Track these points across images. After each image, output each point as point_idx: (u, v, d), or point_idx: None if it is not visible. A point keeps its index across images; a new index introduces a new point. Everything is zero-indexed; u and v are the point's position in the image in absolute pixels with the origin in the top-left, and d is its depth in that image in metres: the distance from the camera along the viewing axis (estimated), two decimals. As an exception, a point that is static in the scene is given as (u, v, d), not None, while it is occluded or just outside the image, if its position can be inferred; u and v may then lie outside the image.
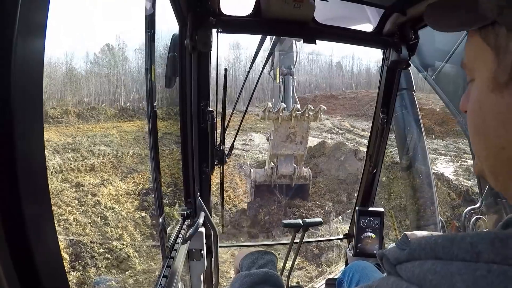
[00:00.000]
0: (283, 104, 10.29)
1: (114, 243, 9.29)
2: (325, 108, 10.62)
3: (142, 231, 10.29)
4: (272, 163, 11.12)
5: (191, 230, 1.89)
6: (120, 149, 17.21)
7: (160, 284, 1.48)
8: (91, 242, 9.27)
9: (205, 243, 2.18)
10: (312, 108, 10.26)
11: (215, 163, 2.05)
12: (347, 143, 19.08)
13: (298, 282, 6.85)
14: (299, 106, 10.47)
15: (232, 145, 2.26)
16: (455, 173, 15.63)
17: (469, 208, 3.03)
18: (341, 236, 2.93)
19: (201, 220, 1.97)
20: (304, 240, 2.34)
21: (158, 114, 1.60)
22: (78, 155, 16.12)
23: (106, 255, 8.78)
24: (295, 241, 2.31)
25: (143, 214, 10.88)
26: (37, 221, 0.55)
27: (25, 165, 0.51)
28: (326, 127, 26.51)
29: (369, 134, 2.46)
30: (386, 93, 2.28)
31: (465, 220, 2.90)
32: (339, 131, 26.03)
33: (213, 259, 2.29)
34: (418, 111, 5.15)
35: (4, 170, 0.48)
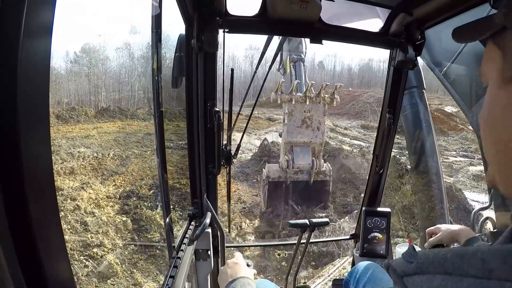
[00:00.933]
0: (297, 80, 9.71)
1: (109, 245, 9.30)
2: (342, 85, 9.99)
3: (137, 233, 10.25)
4: (286, 156, 9.95)
5: (197, 230, 1.90)
6: (101, 151, 16.92)
7: (167, 285, 1.48)
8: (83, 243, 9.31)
9: (212, 243, 2.18)
10: (328, 84, 9.63)
11: (222, 163, 2.05)
12: (330, 142, 18.94)
13: (305, 283, 6.82)
14: (313, 87, 9.74)
15: (239, 145, 2.26)
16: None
17: (478, 208, 3.01)
18: (348, 237, 2.92)
19: (207, 220, 1.97)
20: (310, 240, 2.34)
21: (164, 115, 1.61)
22: (57, 158, 15.67)
23: (108, 256, 8.80)
24: (301, 241, 2.31)
25: (123, 218, 10.75)
26: (43, 222, 0.55)
27: (31, 166, 0.51)
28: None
29: (352, 132, 2.46)
30: (392, 93, 2.27)
31: (474, 220, 2.89)
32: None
33: (220, 259, 2.30)
34: (429, 108, 5.11)
35: (10, 171, 0.48)
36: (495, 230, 2.92)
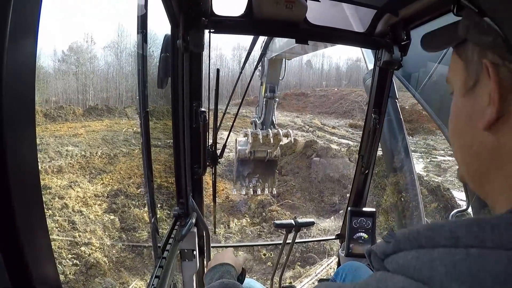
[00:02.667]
0: (261, 132, 10.57)
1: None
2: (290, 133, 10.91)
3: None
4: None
5: (183, 230, 1.90)
6: (88, 149, 16.81)
7: (152, 285, 1.48)
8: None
9: (197, 243, 2.18)
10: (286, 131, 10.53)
11: (207, 163, 2.05)
12: (318, 141, 19.07)
13: (291, 283, 6.85)
14: (275, 131, 10.64)
15: (224, 145, 2.26)
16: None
17: (455, 210, 3.05)
18: (333, 237, 2.93)
19: (193, 221, 1.97)
20: (296, 241, 2.34)
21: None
22: (45, 156, 15.59)
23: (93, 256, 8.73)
24: (287, 241, 2.32)
25: (111, 217, 10.70)
26: (29, 222, 0.55)
27: (16, 167, 0.51)
28: (296, 124, 26.36)
29: (340, 131, 2.48)
30: (378, 93, 2.28)
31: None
32: (310, 129, 25.95)
33: (205, 259, 2.29)
34: (401, 117, 5.26)
35: None
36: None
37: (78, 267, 8.47)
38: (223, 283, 1.35)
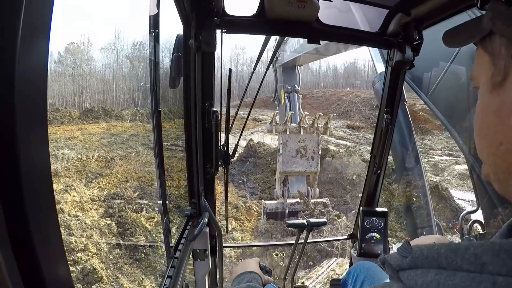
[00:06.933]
0: (291, 111, 10.07)
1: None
2: (335, 115, 10.33)
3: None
4: (282, 184, 10.30)
5: (195, 230, 1.89)
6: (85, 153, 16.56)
7: (165, 285, 1.48)
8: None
9: (210, 243, 2.18)
10: (322, 114, 10.00)
11: (220, 163, 2.04)
12: None
13: (303, 283, 6.84)
14: (307, 117, 10.12)
15: (237, 145, 2.26)
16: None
17: (465, 211, 3.05)
18: (345, 237, 2.93)
19: (205, 220, 1.96)
20: (308, 241, 2.34)
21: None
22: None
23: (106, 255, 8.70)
24: (299, 241, 2.32)
25: (108, 222, 10.59)
26: (42, 223, 0.54)
27: (29, 168, 0.50)
28: None
29: (338, 132, 2.48)
30: (390, 93, 2.28)
31: (462, 223, 2.92)
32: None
33: (217, 259, 2.30)
34: (410, 121, 5.27)
35: (8, 173, 0.48)
36: (484, 232, 2.97)
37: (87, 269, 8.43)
38: (250, 286, 1.50)
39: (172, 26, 1.79)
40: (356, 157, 16.84)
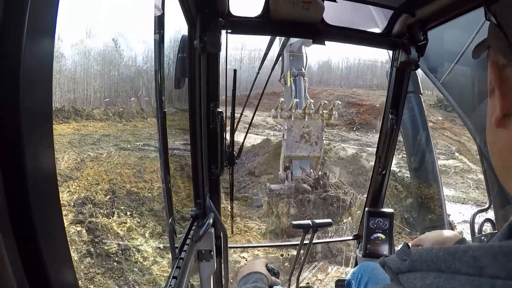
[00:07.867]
0: (296, 99, 10.12)
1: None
2: (340, 103, 10.38)
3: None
4: (285, 168, 10.45)
5: (200, 231, 1.89)
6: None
7: (170, 285, 1.48)
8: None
9: (215, 244, 2.19)
10: (327, 102, 10.10)
11: (225, 164, 2.05)
12: None
13: (308, 283, 6.82)
14: (312, 103, 10.23)
15: (242, 146, 2.26)
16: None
17: (477, 209, 3.01)
18: (350, 237, 2.92)
19: (210, 221, 1.97)
20: (313, 241, 2.34)
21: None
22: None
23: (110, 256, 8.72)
24: (304, 242, 2.31)
25: (78, 228, 10.44)
26: (47, 225, 0.55)
27: (34, 167, 0.51)
28: (268, 124, 25.45)
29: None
30: (395, 94, 2.27)
31: (473, 222, 2.89)
32: (282, 128, 24.81)
33: (222, 260, 2.30)
34: (425, 113, 5.20)
35: (13, 171, 0.48)
36: (495, 231, 2.93)
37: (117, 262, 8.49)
38: (256, 287, 1.53)
39: (176, 27, 1.80)
40: (331, 154, 16.90)
